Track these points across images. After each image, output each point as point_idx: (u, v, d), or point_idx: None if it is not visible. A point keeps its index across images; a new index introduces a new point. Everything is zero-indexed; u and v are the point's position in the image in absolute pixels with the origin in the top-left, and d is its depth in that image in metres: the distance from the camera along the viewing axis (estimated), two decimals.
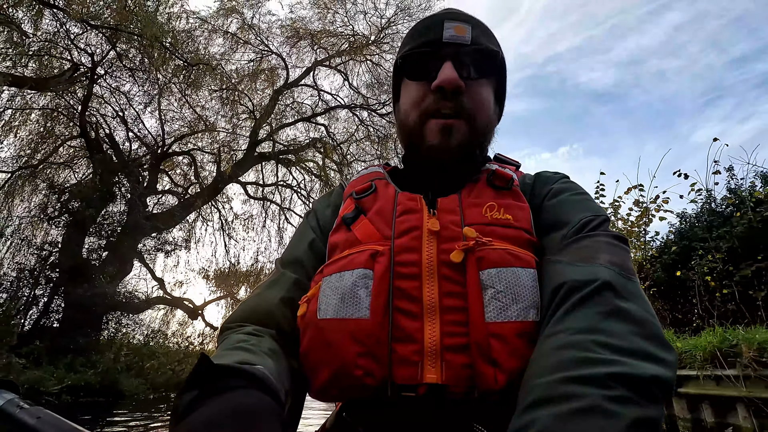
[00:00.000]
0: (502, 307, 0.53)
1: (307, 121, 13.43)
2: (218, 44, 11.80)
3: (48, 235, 10.51)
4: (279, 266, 0.72)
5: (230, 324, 0.63)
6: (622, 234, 0.59)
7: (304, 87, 13.68)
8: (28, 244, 9.90)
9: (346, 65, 13.62)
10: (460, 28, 0.67)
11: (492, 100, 0.71)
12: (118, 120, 11.37)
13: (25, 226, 10.14)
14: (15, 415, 0.48)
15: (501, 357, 0.51)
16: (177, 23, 10.29)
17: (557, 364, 0.43)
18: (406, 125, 0.70)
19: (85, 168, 11.54)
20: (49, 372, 5.79)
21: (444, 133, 0.65)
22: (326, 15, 12.86)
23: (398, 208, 0.64)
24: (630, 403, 0.38)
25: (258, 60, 12.81)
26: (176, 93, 11.41)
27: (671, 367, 0.43)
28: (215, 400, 0.38)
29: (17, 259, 9.54)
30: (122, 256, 10.64)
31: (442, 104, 0.65)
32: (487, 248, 0.57)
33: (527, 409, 0.40)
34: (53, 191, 10.34)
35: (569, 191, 0.68)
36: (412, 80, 0.70)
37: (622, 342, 0.43)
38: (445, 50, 0.66)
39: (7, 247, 9.64)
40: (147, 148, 12.15)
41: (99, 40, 9.40)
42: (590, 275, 0.50)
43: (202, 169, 13.01)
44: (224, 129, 12.37)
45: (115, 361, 7.59)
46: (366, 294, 0.56)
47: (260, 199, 14.04)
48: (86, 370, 6.81)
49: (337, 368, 0.54)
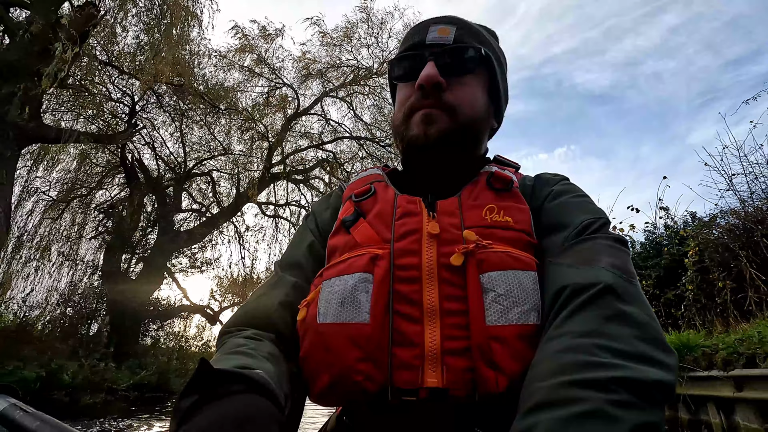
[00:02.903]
0: (502, 310, 0.53)
1: (317, 147, 14.85)
2: (234, 78, 13.30)
3: (89, 252, 12.03)
4: (278, 269, 0.72)
5: (229, 328, 0.62)
6: (623, 236, 0.59)
7: (313, 115, 15.18)
8: (74, 261, 11.36)
9: (352, 96, 15.04)
10: (443, 30, 0.70)
11: (480, 96, 0.72)
12: (148, 147, 12.84)
13: (73, 243, 11.59)
14: (16, 419, 0.48)
15: (502, 360, 0.51)
16: (204, 63, 11.75)
17: (559, 368, 0.42)
18: (395, 126, 0.72)
19: (118, 189, 13.05)
20: (121, 373, 7.22)
21: (424, 122, 0.66)
22: (333, 51, 14.35)
23: (398, 211, 0.64)
24: (632, 408, 0.38)
25: (272, 90, 14.23)
26: (199, 122, 12.89)
27: (672, 371, 0.43)
28: (215, 405, 0.38)
29: (66, 272, 10.99)
30: (155, 270, 12.11)
31: (424, 102, 0.67)
32: (488, 251, 0.56)
33: (529, 412, 0.40)
34: (96, 212, 11.82)
35: (570, 193, 0.68)
36: (400, 82, 0.74)
37: (625, 346, 0.43)
38: (428, 51, 0.69)
39: (55, 265, 11.08)
40: (171, 170, 13.60)
41: (138, 87, 10.83)
42: (592, 278, 0.50)
43: (218, 185, 14.51)
44: (241, 152, 13.86)
45: (168, 363, 9.06)
46: (366, 298, 0.55)
47: (273, 216, 15.46)
48: (140, 371, 8.26)
49: (337, 373, 0.53)
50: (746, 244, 5.14)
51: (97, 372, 6.48)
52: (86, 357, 6.65)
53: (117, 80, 10.53)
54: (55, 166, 10.66)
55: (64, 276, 10.63)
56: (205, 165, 14.00)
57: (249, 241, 15.27)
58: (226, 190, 14.40)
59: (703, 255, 5.90)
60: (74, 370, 6.06)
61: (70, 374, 5.84)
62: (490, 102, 0.74)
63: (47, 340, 6.37)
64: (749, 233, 5.19)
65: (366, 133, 14.94)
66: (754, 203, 5.61)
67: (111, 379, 6.81)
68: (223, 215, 13.59)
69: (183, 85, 9.57)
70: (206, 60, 12.07)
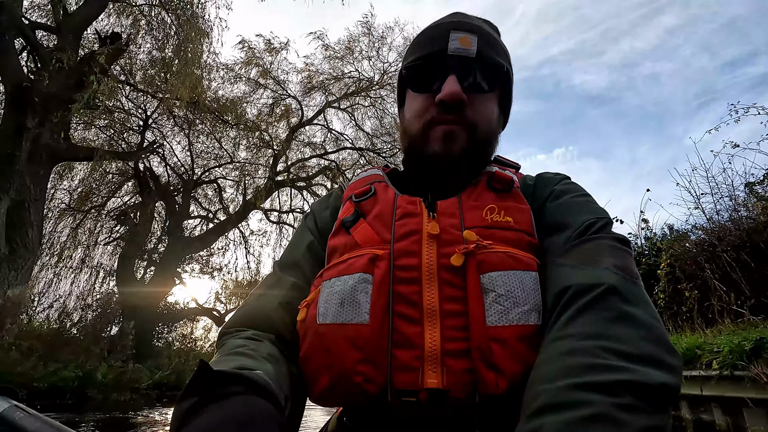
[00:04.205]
0: (503, 311, 0.52)
1: (320, 157, 15.47)
2: (241, 89, 13.90)
3: (104, 257, 12.66)
4: (277, 269, 0.72)
5: (229, 329, 0.62)
6: (625, 236, 0.58)
7: (316, 125, 15.80)
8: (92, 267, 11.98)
9: (354, 107, 15.63)
10: (465, 40, 0.67)
11: (495, 110, 0.72)
12: (158, 156, 13.45)
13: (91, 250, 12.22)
14: (16, 420, 0.49)
15: (502, 362, 0.50)
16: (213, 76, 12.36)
17: (564, 370, 0.42)
18: (409, 133, 0.71)
19: (128, 196, 13.67)
20: (143, 373, 7.85)
21: (447, 140, 0.66)
22: (335, 63, 14.94)
23: (398, 211, 0.64)
24: (638, 412, 0.37)
25: (277, 101, 14.82)
26: (207, 133, 13.50)
27: (678, 373, 0.43)
28: (215, 407, 0.38)
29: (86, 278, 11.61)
30: (166, 274, 12.72)
31: (446, 117, 0.66)
32: (488, 251, 0.56)
33: (534, 414, 0.40)
34: (110, 219, 12.44)
35: (571, 193, 0.67)
36: (416, 92, 0.71)
37: (630, 348, 0.43)
38: (449, 62, 0.67)
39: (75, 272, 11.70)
40: (180, 177, 14.20)
41: (155, 104, 11.47)
42: (595, 279, 0.50)
43: (224, 191, 15.12)
44: (246, 160, 14.46)
45: (184, 363, 9.69)
46: (366, 299, 0.55)
47: (277, 222, 16.05)
48: (156, 371, 8.87)
49: (336, 375, 0.54)
50: (711, 258, 5.78)
51: (124, 372, 7.11)
52: (115, 359, 7.31)
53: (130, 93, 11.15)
54: (75, 177, 11.26)
55: (84, 282, 11.29)
56: (212, 173, 14.64)
57: (253, 245, 15.94)
58: (232, 197, 15.06)
59: (675, 266, 6.55)
60: (104, 370, 6.69)
61: (101, 374, 6.47)
62: (500, 112, 0.75)
63: (81, 344, 7.00)
64: (714, 248, 5.83)
65: (367, 142, 15.56)
66: (719, 220, 6.27)
67: (135, 379, 7.43)
68: (230, 222, 14.19)
69: (197, 102, 10.16)
70: (215, 73, 12.73)
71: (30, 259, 7.13)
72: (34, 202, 7.03)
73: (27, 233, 6.89)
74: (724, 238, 5.94)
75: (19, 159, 6.14)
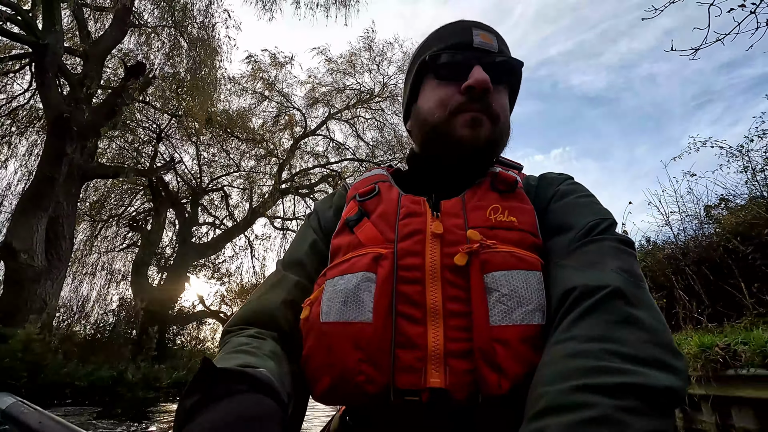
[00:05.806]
0: (506, 311, 0.52)
1: (323, 167, 16.18)
2: (247, 102, 14.56)
3: (119, 263, 13.40)
4: (280, 268, 0.72)
5: (232, 327, 0.63)
6: (629, 238, 0.58)
7: (319, 135, 16.47)
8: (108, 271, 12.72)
9: (356, 118, 16.31)
10: (486, 36, 0.70)
11: (508, 106, 0.74)
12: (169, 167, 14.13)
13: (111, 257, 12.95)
14: (20, 417, 0.50)
15: (505, 362, 0.50)
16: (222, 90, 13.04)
17: (568, 372, 0.42)
18: (429, 122, 0.70)
19: (140, 203, 14.38)
20: (164, 372, 8.58)
21: (474, 126, 0.66)
22: (338, 76, 15.59)
23: (401, 210, 0.64)
24: (641, 415, 0.37)
25: (282, 112, 15.47)
26: (215, 144, 14.20)
27: (683, 377, 0.42)
28: (219, 404, 0.38)
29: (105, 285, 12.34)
30: (178, 278, 13.45)
31: (472, 105, 0.66)
32: (492, 251, 0.56)
33: (537, 416, 0.40)
34: (126, 227, 13.16)
35: (575, 193, 0.68)
36: (441, 80, 0.71)
37: (634, 350, 0.43)
38: (474, 54, 0.69)
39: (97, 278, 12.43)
40: (188, 185, 14.88)
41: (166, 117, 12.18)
42: (600, 281, 0.50)
43: (230, 199, 15.79)
44: (252, 169, 15.15)
45: (197, 363, 10.39)
46: (369, 297, 0.55)
47: (282, 229, 16.75)
48: (173, 371, 9.60)
49: (338, 374, 0.54)
50: (677, 270, 6.53)
51: (150, 372, 7.85)
52: (142, 360, 8.05)
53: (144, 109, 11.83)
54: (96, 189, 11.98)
55: (102, 287, 12.01)
56: (219, 181, 15.31)
57: (258, 249, 16.62)
58: (238, 204, 15.75)
59: (647, 277, 7.28)
60: (133, 371, 7.43)
61: (131, 374, 7.20)
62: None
63: (112, 347, 7.74)
64: (678, 261, 6.58)
65: (368, 150, 16.25)
66: (684, 238, 7.02)
67: (158, 378, 8.15)
68: (238, 228, 14.90)
69: (210, 118, 10.88)
70: (223, 87, 13.37)
71: (63, 269, 7.86)
72: (66, 217, 7.75)
73: (61, 246, 7.62)
74: (688, 253, 6.69)
75: (59, 181, 6.85)
